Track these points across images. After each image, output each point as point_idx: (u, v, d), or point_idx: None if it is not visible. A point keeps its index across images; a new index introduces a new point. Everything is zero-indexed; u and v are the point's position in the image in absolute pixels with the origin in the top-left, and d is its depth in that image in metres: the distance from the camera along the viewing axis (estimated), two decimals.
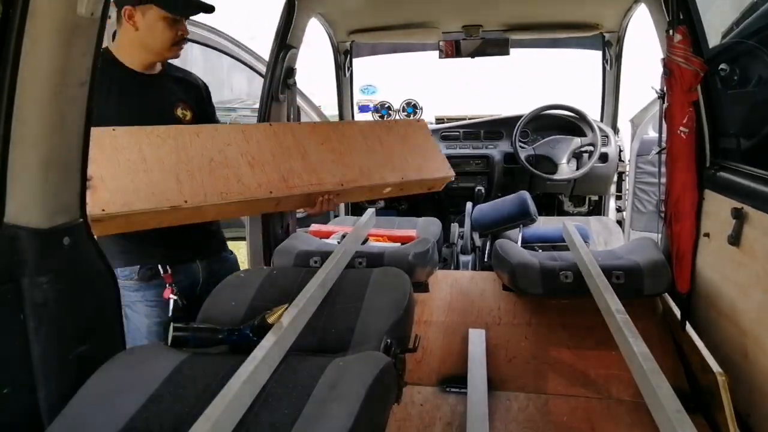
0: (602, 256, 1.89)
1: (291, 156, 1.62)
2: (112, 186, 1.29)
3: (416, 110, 3.54)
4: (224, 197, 1.45)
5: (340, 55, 3.23)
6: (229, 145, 1.52)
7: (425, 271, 2.02)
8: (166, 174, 1.38)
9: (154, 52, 1.50)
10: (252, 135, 1.59)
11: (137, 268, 1.56)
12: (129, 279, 1.55)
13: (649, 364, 1.09)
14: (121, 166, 1.33)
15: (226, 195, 1.45)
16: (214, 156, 1.48)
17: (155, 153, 1.39)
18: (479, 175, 3.17)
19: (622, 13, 2.73)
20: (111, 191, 1.29)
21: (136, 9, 1.42)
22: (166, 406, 0.93)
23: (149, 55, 1.51)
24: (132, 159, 1.35)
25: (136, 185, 1.33)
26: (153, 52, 1.50)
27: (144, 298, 1.57)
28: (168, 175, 1.38)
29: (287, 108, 2.34)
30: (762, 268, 1.33)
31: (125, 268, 1.54)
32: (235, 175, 1.49)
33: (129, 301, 1.57)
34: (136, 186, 1.33)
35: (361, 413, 0.87)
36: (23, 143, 0.88)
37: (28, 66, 0.86)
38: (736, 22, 1.58)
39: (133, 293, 1.56)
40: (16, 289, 0.91)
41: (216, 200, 1.43)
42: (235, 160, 1.51)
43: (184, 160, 1.43)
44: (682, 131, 1.58)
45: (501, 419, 1.54)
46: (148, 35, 1.46)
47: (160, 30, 1.45)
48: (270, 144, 1.61)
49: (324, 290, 1.31)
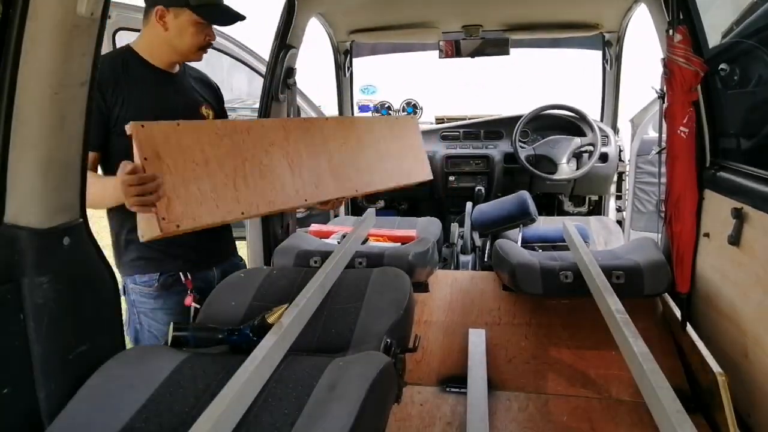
0: (602, 256, 1.89)
1: (319, 157, 1.51)
2: (183, 196, 1.15)
3: (416, 110, 3.54)
4: (271, 206, 1.34)
5: (340, 55, 3.23)
6: (272, 145, 1.39)
7: (425, 271, 2.02)
8: (226, 180, 1.25)
9: (180, 53, 1.49)
10: (291, 132, 1.46)
11: (157, 276, 1.52)
12: (148, 286, 1.52)
13: (649, 364, 1.09)
14: (188, 172, 1.18)
15: (273, 203, 1.34)
16: (263, 158, 1.35)
17: (215, 154, 1.24)
18: (479, 175, 3.17)
19: (622, 13, 2.73)
20: (183, 203, 1.15)
21: (168, 10, 1.41)
22: (166, 406, 0.93)
23: (174, 56, 1.50)
24: (196, 161, 1.20)
25: (202, 195, 1.19)
26: (179, 54, 1.49)
27: (164, 305, 1.54)
28: (227, 181, 1.25)
29: (287, 108, 2.34)
30: (762, 268, 1.33)
31: (144, 275, 1.51)
32: (279, 180, 1.37)
33: (146, 308, 1.54)
34: (203, 196, 1.19)
35: (361, 413, 0.87)
36: (23, 143, 0.89)
37: (28, 66, 0.86)
38: (736, 22, 1.58)
39: (153, 301, 1.53)
40: (16, 289, 0.91)
41: (265, 209, 1.33)
42: (279, 163, 1.39)
43: (239, 163, 1.29)
44: (682, 131, 1.58)
45: (501, 419, 1.54)
46: (177, 37, 1.45)
47: (190, 34, 1.45)
48: (304, 142, 1.48)
49: (324, 290, 1.31)
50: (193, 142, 1.21)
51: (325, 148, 1.53)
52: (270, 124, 1.45)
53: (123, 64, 1.44)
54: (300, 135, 1.47)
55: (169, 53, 1.49)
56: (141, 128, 1.12)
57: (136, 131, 1.12)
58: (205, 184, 1.20)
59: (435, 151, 3.21)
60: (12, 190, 0.90)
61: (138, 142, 1.12)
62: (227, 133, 1.29)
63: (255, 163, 1.32)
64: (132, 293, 1.54)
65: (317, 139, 1.52)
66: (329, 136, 1.56)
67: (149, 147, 1.13)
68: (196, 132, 1.23)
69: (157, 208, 1.10)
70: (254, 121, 1.42)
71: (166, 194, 1.12)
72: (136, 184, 1.08)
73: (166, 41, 1.45)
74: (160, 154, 1.14)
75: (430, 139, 3.26)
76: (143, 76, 1.46)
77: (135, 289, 1.53)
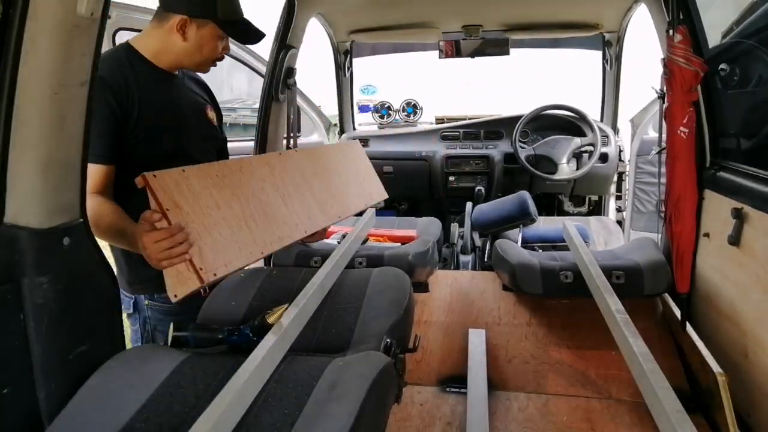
0: (602, 256, 1.89)
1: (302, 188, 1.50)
2: (210, 243, 1.12)
3: (416, 110, 3.54)
4: (281, 241, 1.32)
5: (340, 55, 3.23)
6: (264, 182, 1.37)
7: (425, 271, 2.02)
8: (239, 221, 1.22)
9: (194, 64, 1.43)
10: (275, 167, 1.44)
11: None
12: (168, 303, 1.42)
13: (649, 364, 1.09)
14: (206, 218, 1.14)
15: (282, 239, 1.32)
16: (260, 196, 1.33)
17: (222, 196, 1.21)
18: (479, 175, 3.17)
19: (622, 13, 2.73)
20: (212, 250, 1.11)
21: (191, 21, 1.34)
22: (166, 406, 0.93)
23: (185, 64, 1.44)
24: (210, 206, 1.16)
25: (225, 239, 1.16)
26: (193, 64, 1.43)
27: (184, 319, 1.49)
28: (240, 223, 1.22)
29: (287, 108, 2.34)
30: (762, 268, 1.33)
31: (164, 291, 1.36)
32: (279, 215, 1.36)
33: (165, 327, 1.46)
34: (225, 240, 1.16)
35: (361, 413, 0.87)
36: (23, 143, 0.88)
37: (28, 66, 0.86)
38: (736, 22, 1.58)
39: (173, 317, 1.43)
40: (16, 289, 0.91)
41: (277, 246, 1.30)
42: (274, 198, 1.38)
43: (244, 203, 1.26)
44: (682, 131, 1.58)
45: (501, 419, 1.54)
46: (196, 49, 1.38)
47: (210, 48, 1.39)
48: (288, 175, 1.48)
49: (324, 290, 1.30)
50: (201, 187, 1.17)
51: (303, 178, 1.53)
52: (256, 161, 1.44)
53: (129, 64, 1.37)
54: (282, 169, 1.46)
55: (179, 61, 1.42)
56: (154, 178, 1.05)
57: (150, 181, 1.05)
58: (223, 228, 1.17)
59: (435, 151, 3.21)
60: (12, 190, 0.90)
61: (154, 192, 1.05)
62: (225, 174, 1.26)
63: (256, 202, 1.30)
64: (146, 310, 1.48)
65: (295, 170, 1.53)
66: (303, 167, 1.57)
67: (166, 196, 1.06)
68: (201, 176, 1.19)
69: (191, 260, 1.05)
70: (242, 159, 1.38)
71: (195, 243, 1.07)
72: (166, 238, 1.02)
73: (182, 51, 1.38)
74: (178, 202, 1.08)
75: (430, 139, 3.26)
76: (150, 78, 1.40)
77: (151, 305, 1.47)
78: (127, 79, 1.33)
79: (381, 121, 3.55)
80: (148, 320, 1.50)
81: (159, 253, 1.03)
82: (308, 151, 1.70)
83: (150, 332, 1.50)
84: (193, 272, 1.06)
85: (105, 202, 1.26)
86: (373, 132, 3.46)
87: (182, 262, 1.05)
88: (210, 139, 1.58)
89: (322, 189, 1.59)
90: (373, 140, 3.33)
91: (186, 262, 1.06)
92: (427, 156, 3.22)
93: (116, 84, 1.30)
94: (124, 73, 1.33)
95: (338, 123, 3.49)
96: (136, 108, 1.33)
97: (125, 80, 1.32)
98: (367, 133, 3.42)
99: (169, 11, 1.35)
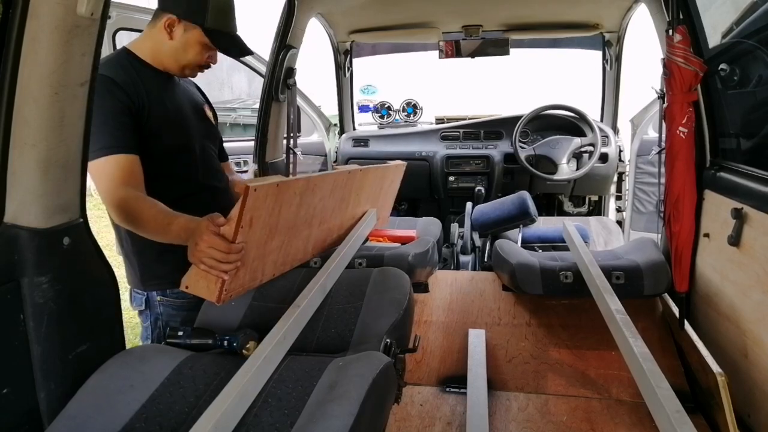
0: (602, 256, 1.89)
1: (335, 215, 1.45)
2: (248, 273, 1.10)
3: (416, 110, 3.55)
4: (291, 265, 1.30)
5: (340, 55, 3.23)
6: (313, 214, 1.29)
7: (425, 271, 2.02)
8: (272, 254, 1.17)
9: (179, 65, 1.44)
10: (335, 190, 1.37)
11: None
12: (181, 298, 1.47)
13: (649, 364, 1.09)
14: (256, 246, 1.09)
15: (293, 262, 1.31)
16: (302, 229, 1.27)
17: (279, 222, 1.13)
18: (479, 175, 3.17)
19: (622, 13, 2.73)
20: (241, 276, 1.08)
21: (179, 22, 1.36)
22: (166, 406, 0.94)
23: (172, 65, 1.45)
24: (265, 233, 1.10)
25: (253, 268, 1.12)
26: (177, 65, 1.44)
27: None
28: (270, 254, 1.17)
29: (287, 108, 2.34)
30: (762, 268, 1.33)
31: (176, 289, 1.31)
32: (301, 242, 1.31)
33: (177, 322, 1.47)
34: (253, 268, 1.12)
35: (361, 413, 0.87)
36: (23, 143, 0.88)
37: (28, 66, 0.86)
38: (736, 22, 1.58)
39: (186, 313, 1.46)
40: (16, 289, 0.91)
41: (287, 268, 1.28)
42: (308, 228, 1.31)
43: (283, 234, 1.18)
44: (681, 131, 1.58)
45: (501, 419, 1.54)
46: (181, 50, 1.40)
47: (194, 52, 1.41)
48: (335, 202, 1.41)
49: (324, 290, 1.31)
50: (275, 205, 1.08)
51: (341, 205, 1.46)
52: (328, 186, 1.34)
53: (131, 66, 1.39)
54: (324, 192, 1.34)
55: (169, 62, 1.44)
56: (254, 191, 0.98)
57: (249, 194, 0.97)
58: (260, 256, 1.13)
59: (435, 151, 3.21)
60: (12, 190, 0.90)
61: (245, 206, 0.98)
62: (299, 192, 1.16)
63: (295, 232, 1.23)
64: (158, 306, 1.48)
65: (346, 195, 1.46)
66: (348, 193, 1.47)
67: (250, 213, 1.01)
68: (281, 193, 1.09)
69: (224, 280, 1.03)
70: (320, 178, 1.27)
71: (239, 268, 1.04)
72: (223, 251, 1.00)
73: (169, 50, 1.41)
74: (254, 221, 1.03)
75: (430, 139, 3.26)
76: (152, 78, 1.42)
77: (164, 302, 1.47)
78: (133, 78, 1.35)
79: (381, 121, 3.56)
80: (160, 316, 1.50)
81: (207, 258, 1.01)
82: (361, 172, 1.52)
83: (162, 328, 1.50)
84: (216, 289, 1.04)
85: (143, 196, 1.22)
86: (373, 132, 3.46)
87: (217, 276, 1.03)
88: (211, 137, 1.59)
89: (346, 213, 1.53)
90: (373, 140, 3.34)
91: (219, 278, 1.03)
92: (427, 156, 3.22)
93: (126, 83, 1.31)
94: (130, 74, 1.35)
95: (338, 123, 3.49)
96: (146, 106, 1.34)
97: (132, 80, 1.34)
98: (367, 133, 3.42)
99: (163, 11, 1.38)
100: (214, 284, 1.04)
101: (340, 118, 3.46)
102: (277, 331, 1.06)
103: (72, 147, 0.95)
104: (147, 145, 1.34)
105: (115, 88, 1.28)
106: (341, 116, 3.45)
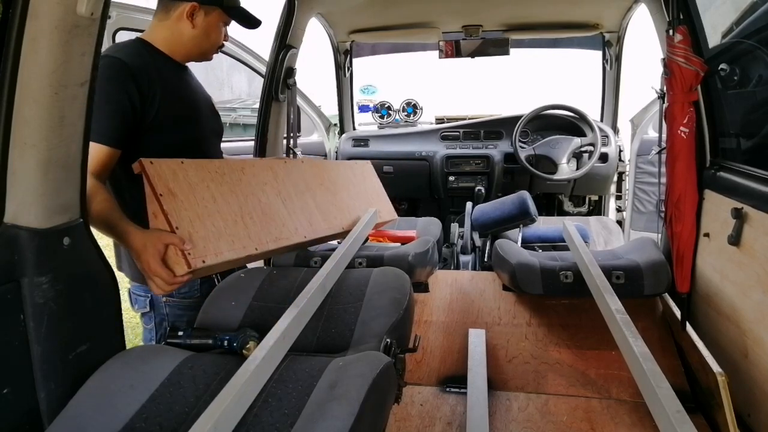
0: (602, 256, 1.89)
1: (305, 195, 1.54)
2: (201, 231, 1.16)
3: (416, 110, 3.54)
4: (278, 242, 1.35)
5: (340, 55, 3.23)
6: (266, 184, 1.42)
7: (425, 271, 2.02)
8: (235, 216, 1.26)
9: (202, 51, 1.46)
10: (278, 172, 1.49)
11: (198, 285, 1.47)
12: (188, 297, 1.48)
13: (649, 364, 1.09)
14: (200, 208, 1.19)
15: (279, 240, 1.36)
16: (260, 196, 1.37)
17: (220, 191, 1.26)
18: (479, 175, 3.17)
19: (622, 13, 2.73)
20: (203, 238, 1.16)
21: (200, 8, 1.38)
22: (166, 406, 0.93)
23: (195, 54, 1.46)
24: (205, 198, 1.21)
25: (218, 230, 1.20)
26: (201, 52, 1.46)
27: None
28: (236, 218, 1.26)
29: (287, 108, 2.34)
30: (762, 268, 1.33)
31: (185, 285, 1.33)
32: (278, 217, 1.40)
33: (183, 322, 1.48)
34: (218, 231, 1.20)
35: (361, 413, 0.87)
36: (23, 143, 0.88)
37: (28, 66, 0.86)
38: (736, 22, 1.58)
39: (192, 312, 1.44)
40: (16, 289, 0.91)
41: (273, 246, 1.33)
42: (275, 201, 1.41)
43: (242, 200, 1.31)
44: (682, 131, 1.58)
45: (501, 419, 1.54)
46: (204, 36, 1.42)
47: (216, 33, 1.44)
48: (291, 182, 1.52)
49: (324, 290, 1.30)
50: (199, 179, 1.22)
51: (307, 187, 1.57)
52: (259, 164, 1.48)
53: (147, 53, 1.38)
54: (285, 175, 1.51)
55: (190, 50, 1.45)
56: (151, 164, 1.12)
57: (147, 167, 1.11)
58: (217, 220, 1.21)
59: (435, 151, 3.21)
60: (12, 190, 0.90)
61: (150, 178, 1.11)
62: (226, 171, 1.31)
63: (254, 201, 1.34)
64: (164, 307, 1.48)
65: (300, 178, 1.57)
66: (308, 177, 1.61)
67: (162, 183, 1.13)
68: (199, 169, 1.24)
69: (182, 245, 1.10)
70: (245, 160, 1.44)
71: (186, 229, 1.12)
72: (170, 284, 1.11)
73: (192, 39, 1.41)
74: (173, 189, 1.14)
75: (430, 139, 3.26)
76: (167, 67, 1.41)
77: (170, 302, 1.48)
78: (148, 65, 1.34)
79: (381, 121, 3.55)
80: (166, 317, 1.49)
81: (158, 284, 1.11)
82: (316, 162, 1.75)
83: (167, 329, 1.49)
84: (181, 257, 1.10)
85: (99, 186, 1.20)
86: (373, 132, 3.46)
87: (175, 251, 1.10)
88: (218, 133, 1.61)
89: (327, 200, 1.61)
90: (373, 140, 3.34)
91: (173, 247, 1.10)
92: (427, 156, 3.22)
93: (138, 69, 1.30)
94: (145, 60, 1.34)
95: (338, 123, 3.49)
96: (158, 94, 1.33)
97: (146, 66, 1.33)
98: (367, 133, 3.42)
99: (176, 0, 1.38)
100: (175, 255, 1.11)
101: (340, 118, 3.46)
102: (277, 331, 1.06)
103: (72, 147, 0.95)
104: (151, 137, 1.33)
105: (123, 74, 1.26)
106: (341, 116, 3.45)
